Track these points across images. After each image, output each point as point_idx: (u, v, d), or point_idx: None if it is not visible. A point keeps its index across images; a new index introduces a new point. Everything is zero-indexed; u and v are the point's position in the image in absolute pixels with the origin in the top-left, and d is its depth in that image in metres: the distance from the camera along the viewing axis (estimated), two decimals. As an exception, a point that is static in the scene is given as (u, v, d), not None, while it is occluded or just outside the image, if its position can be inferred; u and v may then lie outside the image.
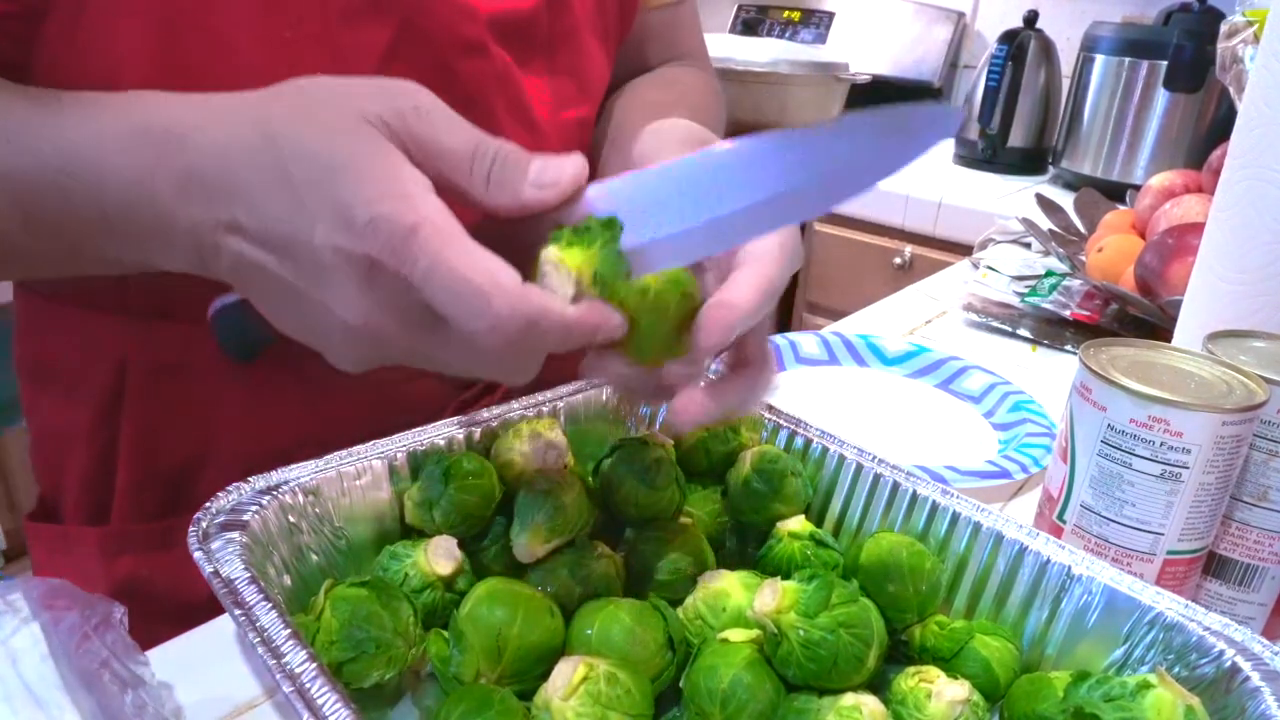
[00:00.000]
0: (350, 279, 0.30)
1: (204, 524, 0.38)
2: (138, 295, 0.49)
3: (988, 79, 1.63)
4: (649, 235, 0.33)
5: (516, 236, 0.32)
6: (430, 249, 0.29)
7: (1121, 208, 1.08)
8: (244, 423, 0.52)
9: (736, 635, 0.38)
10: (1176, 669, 0.36)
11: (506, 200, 0.32)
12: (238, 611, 0.34)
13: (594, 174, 0.34)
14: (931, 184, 1.54)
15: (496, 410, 0.49)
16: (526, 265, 0.31)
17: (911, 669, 0.37)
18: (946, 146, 1.84)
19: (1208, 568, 0.46)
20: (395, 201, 0.29)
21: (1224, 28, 0.79)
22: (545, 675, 0.35)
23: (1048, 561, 0.40)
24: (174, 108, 0.36)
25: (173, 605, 0.44)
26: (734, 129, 0.45)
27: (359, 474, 0.43)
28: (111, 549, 0.53)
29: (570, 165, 0.33)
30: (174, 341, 0.50)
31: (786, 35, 2.08)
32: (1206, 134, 1.44)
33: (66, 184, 0.36)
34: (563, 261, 0.31)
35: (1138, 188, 1.02)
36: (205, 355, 0.49)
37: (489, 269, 0.29)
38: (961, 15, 1.97)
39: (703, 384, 0.37)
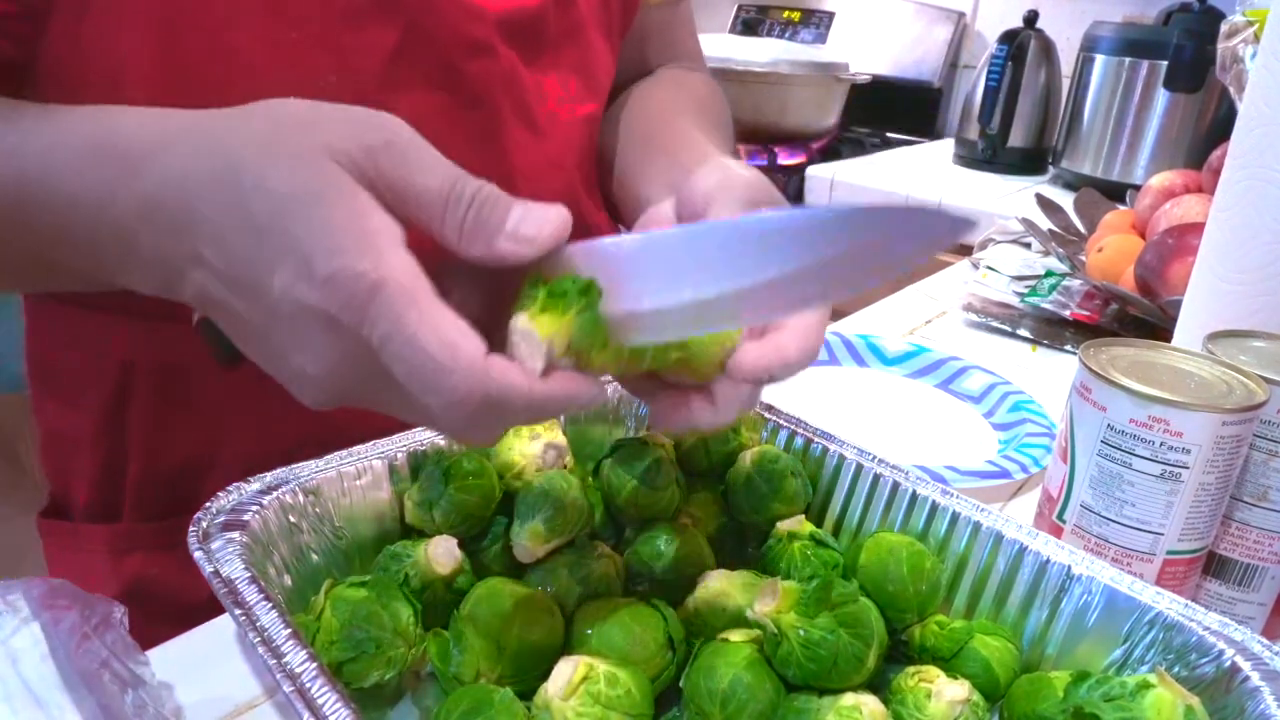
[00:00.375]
0: (309, 330, 0.29)
1: (204, 524, 0.38)
2: (141, 296, 0.49)
3: (988, 79, 1.63)
4: (629, 306, 0.30)
5: (494, 272, 0.31)
6: (391, 313, 0.27)
7: (1121, 208, 1.08)
8: (250, 422, 0.52)
9: (736, 635, 0.38)
10: (1176, 669, 0.36)
11: (479, 251, 0.29)
12: (238, 611, 0.34)
13: (603, 174, 0.33)
14: (931, 184, 1.54)
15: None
16: (505, 299, 0.30)
17: (911, 669, 0.37)
18: (946, 146, 1.84)
19: (1207, 568, 0.46)
20: (357, 257, 0.27)
21: (1224, 28, 0.79)
22: (545, 675, 0.35)
23: (1047, 561, 0.40)
24: (133, 127, 0.35)
25: (180, 604, 0.44)
26: (734, 129, 0.45)
27: (359, 474, 0.43)
28: (121, 547, 0.54)
29: (552, 217, 0.30)
30: (179, 342, 0.49)
31: (786, 35, 2.09)
32: (1206, 134, 1.44)
33: (28, 203, 0.36)
34: (533, 330, 0.29)
35: (1138, 188, 1.02)
36: (206, 355, 0.49)
37: (450, 340, 0.27)
38: (961, 15, 1.97)
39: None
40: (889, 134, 1.99)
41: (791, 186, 1.59)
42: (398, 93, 0.48)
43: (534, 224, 0.30)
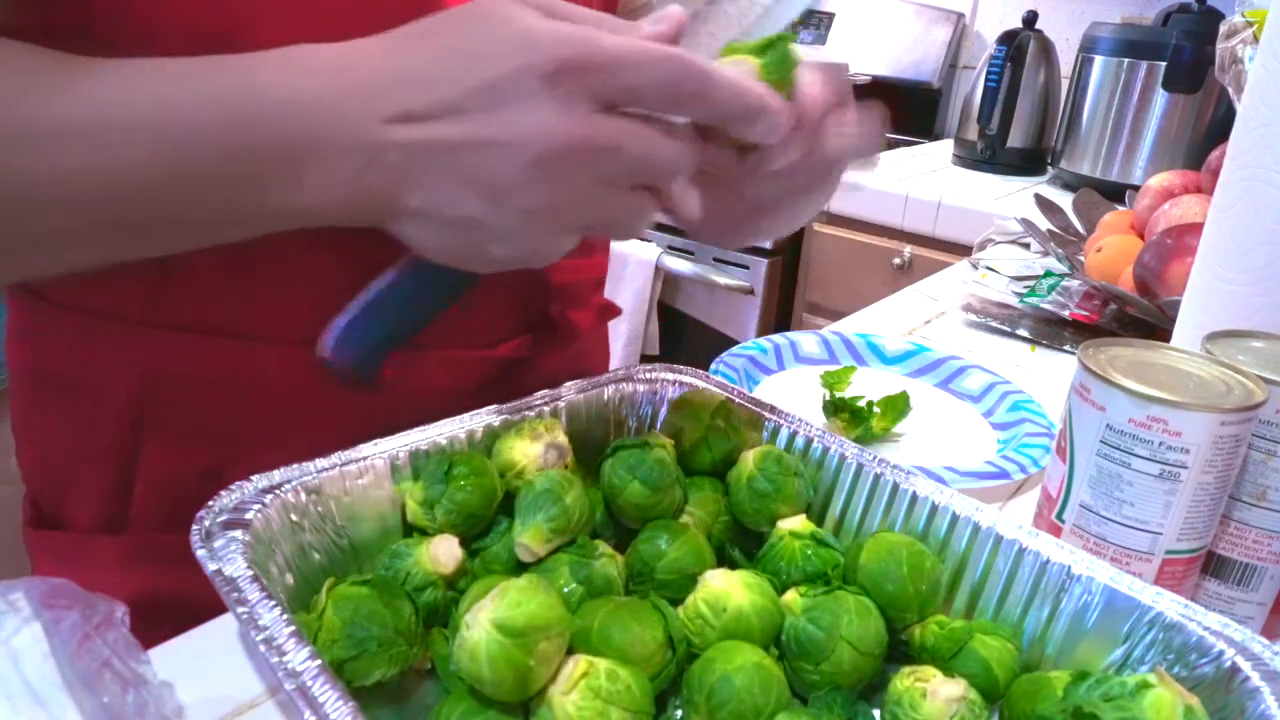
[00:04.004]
0: (535, 91, 0.34)
1: (206, 523, 0.38)
2: (168, 307, 0.48)
3: (987, 80, 1.63)
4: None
5: None
6: (615, 41, 0.34)
7: (1120, 208, 1.08)
8: (268, 437, 0.51)
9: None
10: (1176, 669, 0.36)
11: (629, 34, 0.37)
12: (240, 610, 0.34)
13: None
14: (931, 184, 1.54)
15: (498, 410, 0.49)
16: None
17: (907, 669, 0.37)
18: (946, 147, 1.84)
19: (1206, 567, 0.46)
20: (561, 24, 0.34)
21: (1223, 28, 0.79)
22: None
23: (1047, 561, 0.40)
24: (318, 48, 0.38)
25: (189, 614, 0.43)
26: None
27: (361, 473, 0.43)
28: (129, 558, 0.52)
29: (673, 12, 0.39)
30: (201, 355, 0.49)
31: (786, 35, 2.08)
32: (1205, 134, 1.44)
33: (248, 121, 0.36)
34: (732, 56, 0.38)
35: (1136, 188, 1.02)
36: (229, 369, 0.48)
37: (668, 46, 0.35)
38: (961, 16, 1.97)
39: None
40: (888, 134, 1.99)
41: (791, 187, 1.59)
42: None
43: (661, 17, 0.39)
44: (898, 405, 0.67)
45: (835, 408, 0.66)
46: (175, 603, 0.50)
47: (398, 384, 0.52)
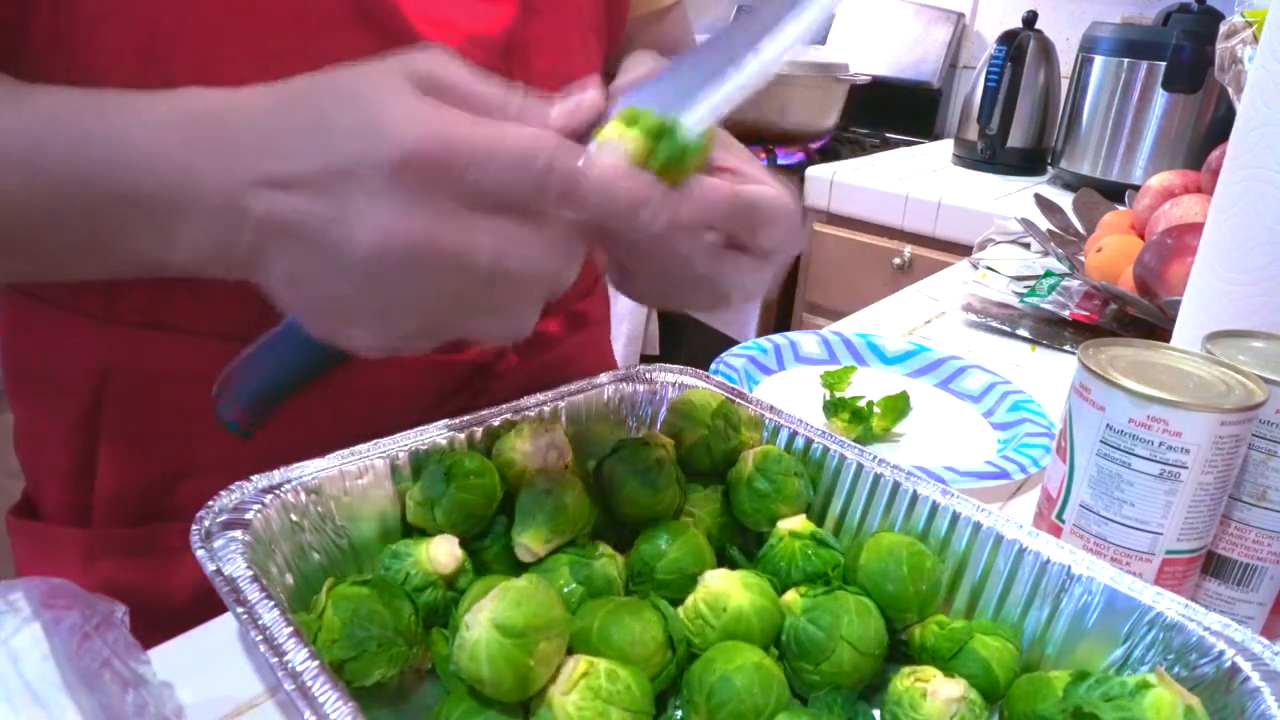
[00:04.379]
0: (380, 185, 0.31)
1: (206, 522, 0.38)
2: (125, 303, 0.48)
3: (987, 80, 1.63)
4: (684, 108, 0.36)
5: None
6: (471, 133, 0.30)
7: (1120, 208, 1.08)
8: (226, 435, 0.51)
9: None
10: (1176, 669, 0.36)
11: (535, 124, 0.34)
12: (240, 610, 0.34)
13: None
14: (931, 184, 1.54)
15: (498, 410, 0.49)
16: None
17: (907, 669, 0.37)
18: (946, 147, 1.84)
19: (1207, 567, 0.46)
20: (426, 110, 0.31)
21: (1223, 28, 0.79)
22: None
23: (1048, 561, 0.40)
24: (200, 95, 0.36)
25: (151, 611, 0.43)
26: (733, 128, 0.45)
27: (361, 473, 0.43)
28: (92, 552, 0.53)
29: (588, 88, 0.36)
30: (159, 351, 0.49)
31: (786, 35, 2.08)
32: (1205, 134, 1.44)
33: (109, 170, 0.36)
34: (612, 140, 0.34)
35: (1136, 188, 1.02)
36: (189, 365, 0.49)
37: (533, 130, 0.31)
38: (960, 16, 1.97)
39: None
40: (888, 134, 2.00)
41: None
42: None
43: (573, 100, 0.36)
44: (898, 405, 0.67)
45: (835, 408, 0.66)
46: (137, 600, 0.50)
47: (358, 385, 0.52)
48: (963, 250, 1.38)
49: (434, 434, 0.46)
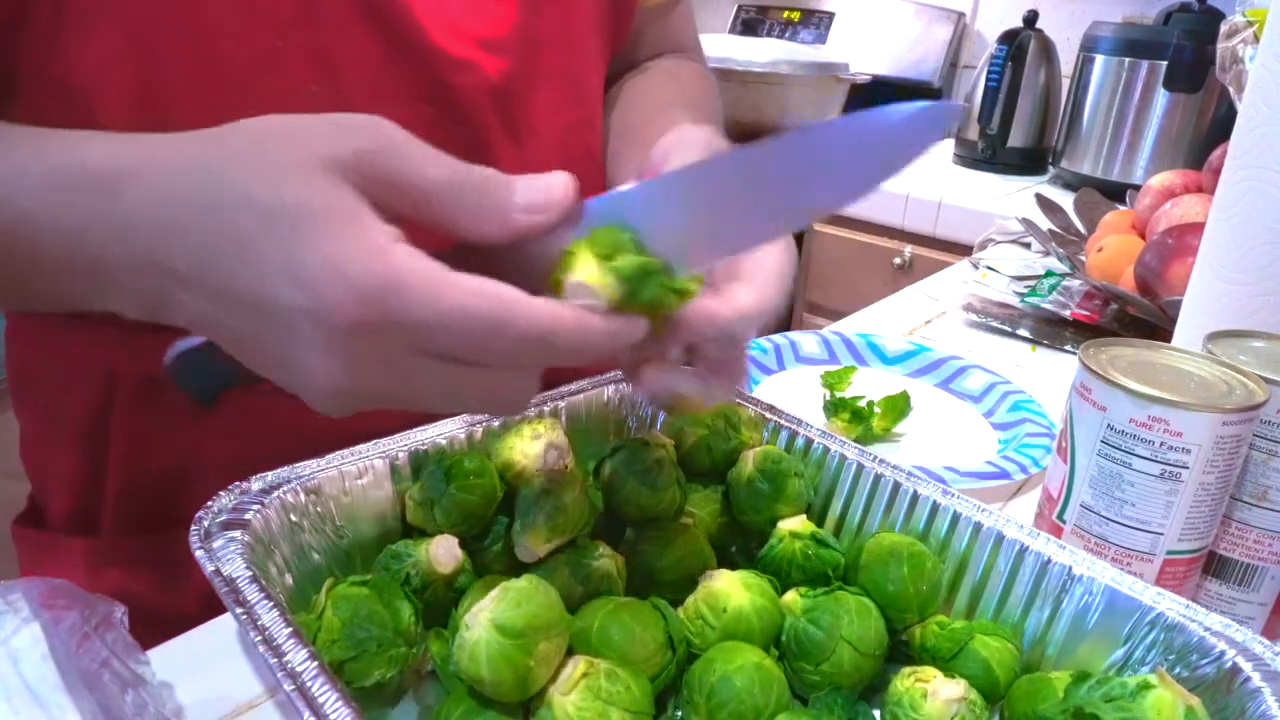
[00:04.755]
0: (325, 344, 0.28)
1: (206, 523, 0.38)
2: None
3: (987, 79, 1.63)
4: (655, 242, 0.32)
5: (499, 259, 0.31)
6: (425, 300, 0.27)
7: (1121, 208, 1.08)
8: (234, 435, 0.51)
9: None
10: (1177, 669, 0.36)
11: (496, 230, 0.30)
12: (239, 610, 0.34)
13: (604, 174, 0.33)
14: (931, 184, 1.54)
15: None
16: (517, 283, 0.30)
17: (907, 669, 0.37)
18: (946, 146, 1.84)
19: (1208, 567, 0.46)
20: (368, 259, 0.27)
21: (1224, 28, 0.79)
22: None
23: (1048, 562, 0.40)
24: (102, 153, 0.33)
25: (160, 617, 0.43)
26: (734, 129, 0.45)
27: (360, 473, 0.43)
28: (99, 561, 0.53)
29: (555, 183, 0.31)
30: (164, 354, 0.49)
31: (786, 35, 2.08)
32: (1206, 134, 1.44)
33: (16, 234, 0.34)
34: (583, 281, 0.30)
35: (1137, 188, 1.02)
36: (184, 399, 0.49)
37: (495, 293, 0.28)
38: (961, 15, 1.97)
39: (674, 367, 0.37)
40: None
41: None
42: (384, 105, 0.48)
43: (541, 191, 0.30)
44: (898, 405, 0.67)
45: (836, 408, 0.66)
46: (144, 607, 0.50)
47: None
48: (963, 250, 1.38)
49: (433, 434, 0.46)
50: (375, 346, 0.28)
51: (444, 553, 0.41)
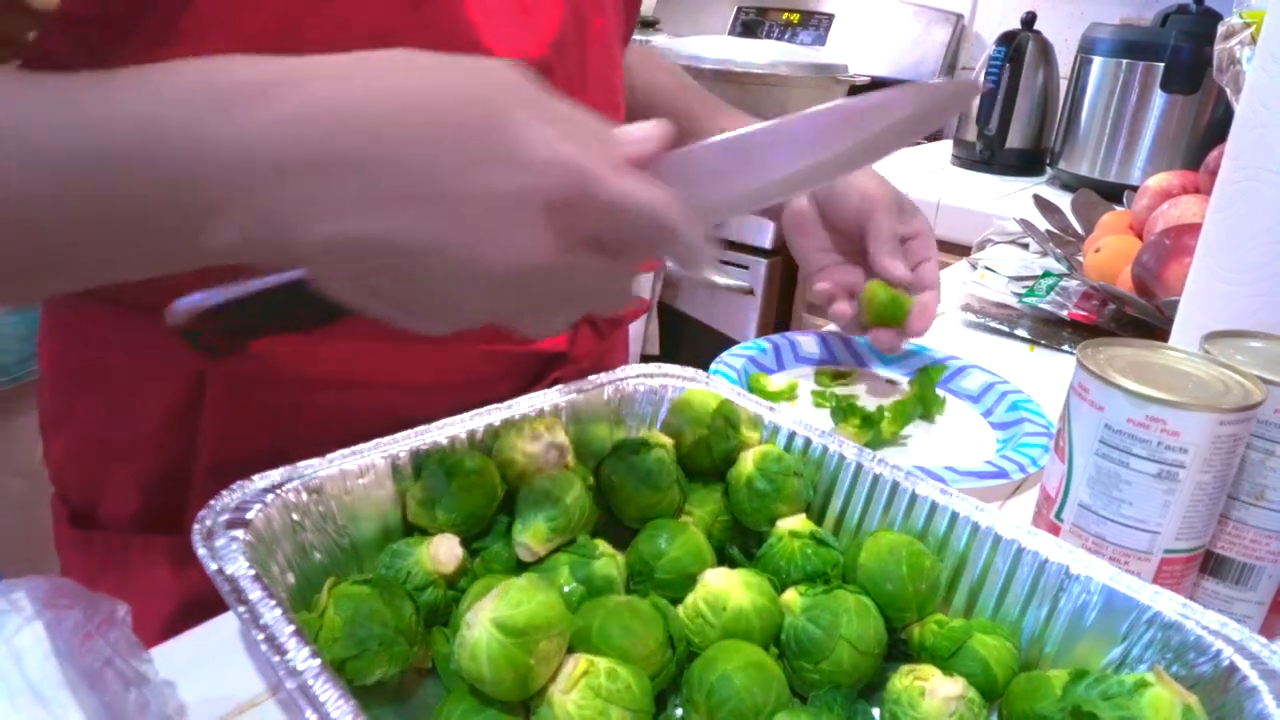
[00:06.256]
0: (521, 217, 0.31)
1: (208, 522, 0.38)
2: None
3: (986, 80, 1.63)
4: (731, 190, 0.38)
5: None
6: (610, 179, 0.32)
7: (1119, 208, 1.08)
8: (319, 430, 0.50)
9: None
10: (1174, 667, 0.36)
11: (611, 156, 0.34)
12: (241, 609, 0.34)
13: None
14: (929, 185, 1.54)
15: (499, 409, 0.49)
16: None
17: (906, 667, 0.38)
18: (944, 147, 1.84)
19: (1205, 566, 0.46)
20: (566, 143, 0.32)
21: (1221, 29, 0.79)
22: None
23: (1046, 560, 0.40)
24: (250, 65, 0.32)
25: None
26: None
27: (362, 472, 0.43)
28: (183, 557, 0.52)
29: (660, 127, 0.36)
30: (256, 350, 0.48)
31: (786, 37, 2.09)
32: (1204, 135, 1.44)
33: (144, 150, 0.31)
34: None
35: (1135, 189, 1.02)
36: (291, 365, 0.49)
37: (651, 185, 0.33)
38: (960, 17, 1.97)
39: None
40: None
41: (790, 187, 1.59)
42: None
43: (638, 128, 0.36)
44: (906, 409, 0.67)
45: (845, 413, 0.66)
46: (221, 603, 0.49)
47: (439, 379, 0.53)
48: (962, 250, 1.38)
49: (435, 433, 0.46)
50: (568, 226, 0.32)
51: (445, 552, 0.41)
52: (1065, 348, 0.85)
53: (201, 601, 0.46)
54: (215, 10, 0.41)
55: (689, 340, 1.78)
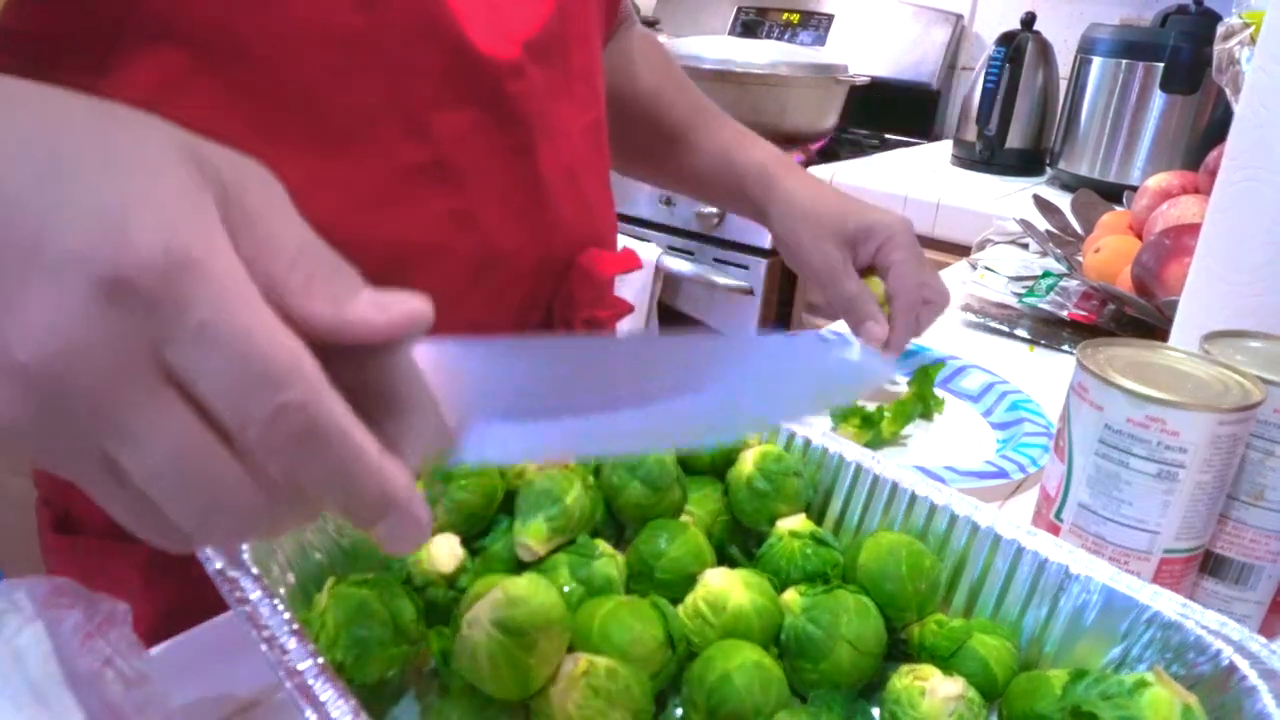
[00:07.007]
0: (75, 295, 0.20)
1: (207, 522, 0.38)
2: None
3: (985, 80, 1.63)
4: (485, 419, 0.26)
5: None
6: (219, 297, 0.21)
7: (1118, 209, 1.08)
8: None
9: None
10: (1174, 667, 0.36)
11: (324, 308, 0.23)
12: (242, 609, 0.34)
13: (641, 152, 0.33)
14: (930, 185, 1.54)
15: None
16: None
17: (905, 667, 0.38)
18: (944, 148, 1.84)
19: (1204, 566, 0.46)
20: (193, 232, 0.21)
21: (1220, 29, 0.79)
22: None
23: (1046, 560, 0.40)
24: None
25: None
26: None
27: (361, 473, 0.43)
28: (153, 565, 0.52)
29: (414, 300, 0.24)
30: None
31: (786, 37, 2.09)
32: (1203, 135, 1.44)
33: None
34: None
35: (1134, 189, 1.02)
36: None
37: (294, 346, 0.21)
38: (959, 17, 1.97)
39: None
40: (887, 135, 2.00)
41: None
42: (445, 111, 0.50)
43: (391, 298, 0.24)
44: (906, 409, 0.67)
45: (844, 414, 0.66)
46: (200, 611, 0.50)
47: None
48: (961, 251, 1.38)
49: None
50: (121, 333, 0.21)
51: (445, 552, 0.41)
52: (1065, 348, 0.85)
53: (185, 610, 0.44)
54: (155, 20, 0.42)
55: (689, 340, 1.77)
